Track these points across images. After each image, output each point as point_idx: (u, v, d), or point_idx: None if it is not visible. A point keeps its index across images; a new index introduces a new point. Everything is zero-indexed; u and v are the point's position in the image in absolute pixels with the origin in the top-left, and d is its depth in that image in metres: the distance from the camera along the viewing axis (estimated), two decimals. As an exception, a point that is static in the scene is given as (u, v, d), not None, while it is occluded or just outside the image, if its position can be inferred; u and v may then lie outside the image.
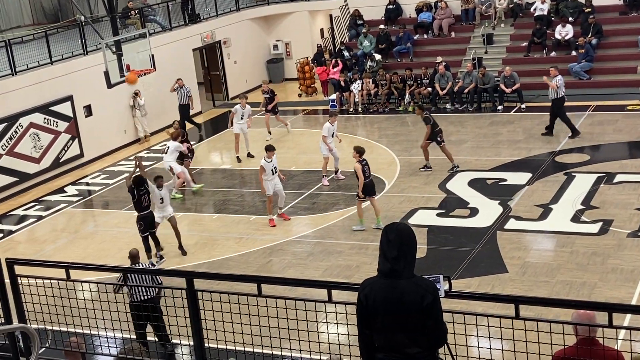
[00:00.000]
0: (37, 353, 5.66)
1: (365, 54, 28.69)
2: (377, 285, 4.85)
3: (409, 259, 4.80)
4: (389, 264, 4.78)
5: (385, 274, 4.81)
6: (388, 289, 4.78)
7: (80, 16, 24.35)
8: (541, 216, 16.36)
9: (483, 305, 9.75)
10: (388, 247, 4.79)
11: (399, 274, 4.76)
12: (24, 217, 20.16)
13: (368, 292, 4.86)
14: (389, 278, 4.79)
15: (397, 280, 4.77)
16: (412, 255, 4.83)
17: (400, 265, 4.76)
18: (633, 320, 9.50)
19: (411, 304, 4.72)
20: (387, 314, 4.77)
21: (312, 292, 5.90)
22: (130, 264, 12.24)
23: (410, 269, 4.80)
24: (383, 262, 4.82)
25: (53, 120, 22.81)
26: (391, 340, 4.80)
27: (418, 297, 4.72)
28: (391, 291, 4.76)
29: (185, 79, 27.57)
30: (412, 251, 4.83)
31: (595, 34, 25.96)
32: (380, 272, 4.85)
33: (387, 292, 4.78)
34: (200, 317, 6.24)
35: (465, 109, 25.19)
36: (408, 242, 4.81)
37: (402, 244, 4.78)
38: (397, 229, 4.85)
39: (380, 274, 4.84)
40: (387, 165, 20.56)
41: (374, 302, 4.81)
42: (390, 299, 4.76)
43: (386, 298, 4.77)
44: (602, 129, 21.72)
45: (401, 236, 4.80)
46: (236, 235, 17.21)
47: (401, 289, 4.75)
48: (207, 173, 22.12)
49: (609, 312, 4.99)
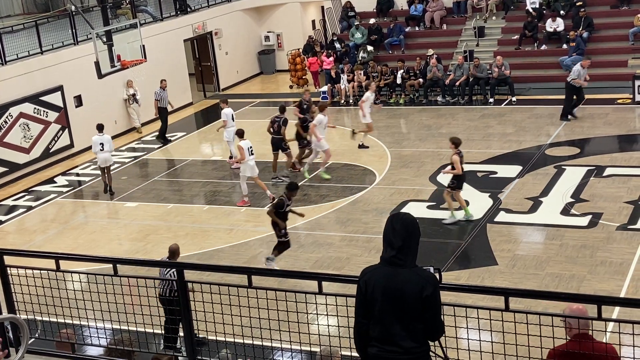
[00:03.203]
0: (26, 343, 5.66)
1: (357, 45, 28.68)
2: (378, 272, 4.88)
3: (412, 249, 4.84)
4: (393, 252, 4.81)
5: (388, 262, 4.84)
6: (389, 276, 4.81)
7: (70, 6, 24.20)
8: (531, 209, 16.40)
9: (473, 297, 9.79)
10: (394, 236, 4.83)
11: (402, 263, 4.80)
12: (13, 207, 20.09)
13: (368, 278, 4.89)
14: (391, 266, 4.82)
15: (399, 269, 4.80)
16: (416, 246, 4.88)
17: (404, 254, 4.81)
18: (622, 312, 9.55)
19: (410, 294, 4.74)
20: (386, 302, 4.80)
21: (303, 284, 5.91)
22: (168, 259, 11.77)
23: (413, 259, 4.85)
24: (387, 250, 4.85)
25: (43, 110, 22.72)
26: (387, 331, 4.82)
27: (418, 287, 4.75)
28: (392, 279, 4.79)
29: (176, 69, 27.53)
30: (416, 242, 4.88)
31: (587, 27, 26.00)
32: (383, 259, 4.88)
33: (387, 280, 4.81)
34: (191, 308, 6.24)
35: (456, 102, 25.21)
36: (413, 232, 4.85)
37: (408, 234, 4.83)
38: (404, 219, 4.89)
39: (383, 262, 4.87)
40: (378, 158, 20.57)
41: (374, 289, 4.84)
42: (390, 287, 4.79)
43: (386, 286, 4.80)
44: (592, 122, 21.79)
45: (407, 226, 4.84)
46: (227, 226, 17.20)
47: (402, 278, 4.78)
48: (197, 164, 22.09)
49: (598, 304, 5.02)
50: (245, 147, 17.63)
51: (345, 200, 17.81)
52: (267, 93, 29.90)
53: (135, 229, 17.64)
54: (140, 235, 17.19)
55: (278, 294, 5.95)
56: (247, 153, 17.62)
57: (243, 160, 17.68)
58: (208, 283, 6.17)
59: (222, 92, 30.20)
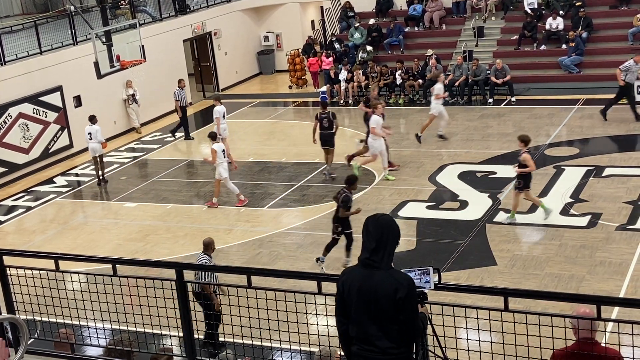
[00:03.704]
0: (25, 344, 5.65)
1: (357, 45, 28.68)
2: (354, 274, 4.89)
3: (388, 250, 4.82)
4: (367, 254, 4.82)
5: (363, 264, 4.85)
6: (363, 278, 4.82)
7: (70, 6, 24.20)
8: (530, 209, 16.40)
9: (472, 297, 9.79)
10: (367, 238, 4.84)
11: (377, 265, 4.79)
12: (12, 207, 20.08)
13: (345, 279, 4.91)
14: (366, 268, 4.82)
15: (373, 271, 4.80)
16: (392, 247, 4.85)
17: (378, 256, 4.79)
18: (621, 313, 9.55)
19: (384, 296, 4.73)
20: (360, 304, 4.81)
21: (302, 284, 5.91)
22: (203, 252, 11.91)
23: (388, 260, 4.82)
24: (363, 252, 4.87)
25: (42, 110, 22.71)
26: (364, 331, 4.83)
27: (391, 289, 4.72)
28: (366, 281, 4.80)
29: (176, 70, 27.51)
30: (391, 243, 4.84)
31: (586, 27, 26.00)
32: (359, 261, 4.90)
33: (362, 282, 4.81)
34: (190, 309, 6.24)
35: (455, 102, 25.20)
36: (388, 233, 4.83)
37: (382, 235, 4.81)
38: (377, 221, 4.88)
39: (359, 264, 4.89)
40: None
41: (349, 290, 4.85)
42: (364, 288, 4.79)
43: (360, 287, 4.81)
44: (591, 123, 21.78)
45: (381, 228, 4.83)
46: (226, 226, 17.20)
47: (376, 279, 4.78)
48: (196, 164, 22.08)
49: (597, 304, 5.02)
50: (219, 150, 17.80)
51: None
52: (267, 93, 29.90)
53: (135, 229, 17.64)
54: (140, 236, 17.19)
55: (277, 294, 5.95)
56: (222, 155, 17.78)
57: (214, 162, 17.81)
58: (207, 283, 6.17)
59: (222, 92, 30.20)
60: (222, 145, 18.17)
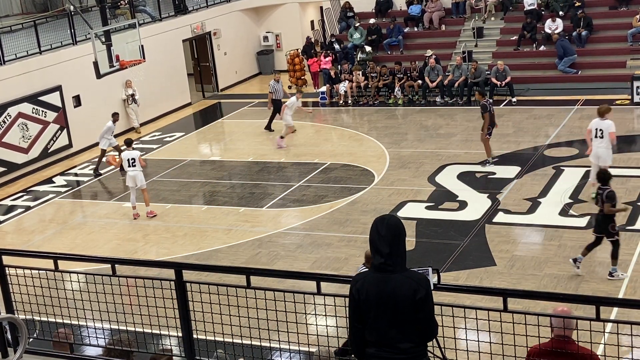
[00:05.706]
0: (24, 343, 5.66)
1: (356, 46, 28.68)
2: (369, 279, 4.84)
3: (400, 252, 4.80)
4: (382, 259, 4.77)
5: (378, 269, 4.80)
6: (380, 283, 4.77)
7: (69, 6, 24.19)
8: (529, 210, 16.41)
9: (471, 298, 9.79)
10: (380, 242, 4.78)
11: (392, 269, 4.76)
12: (12, 207, 20.07)
13: (360, 286, 4.85)
14: (381, 272, 4.79)
15: (389, 275, 4.76)
16: (404, 248, 4.83)
17: (393, 259, 4.76)
18: (620, 313, 9.56)
19: (403, 298, 4.71)
20: (380, 308, 4.76)
21: (301, 284, 5.91)
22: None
23: (402, 262, 4.80)
24: (376, 257, 4.81)
25: (42, 110, 22.71)
26: (383, 335, 4.80)
27: (411, 291, 4.71)
28: (384, 285, 4.76)
29: (175, 70, 27.51)
30: (403, 244, 4.83)
31: (586, 27, 26.00)
32: (373, 266, 4.84)
33: (379, 286, 4.77)
34: (189, 309, 6.24)
35: (455, 102, 25.20)
36: (399, 235, 4.81)
37: (394, 237, 4.78)
38: (388, 224, 4.83)
39: (373, 268, 4.84)
40: (377, 158, 20.56)
41: (367, 296, 4.80)
42: (382, 293, 4.75)
43: (379, 292, 4.76)
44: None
45: (392, 230, 4.79)
46: (225, 226, 17.20)
47: (394, 283, 4.74)
48: (196, 164, 22.08)
49: (596, 305, 5.02)
50: (125, 158, 17.89)
51: (344, 200, 17.81)
52: (266, 93, 29.80)
53: (134, 229, 17.64)
54: (139, 236, 17.19)
55: (277, 294, 5.95)
56: (127, 164, 17.80)
57: (144, 166, 17.97)
58: (207, 283, 6.17)
59: (221, 93, 30.19)
60: (136, 153, 18.06)
